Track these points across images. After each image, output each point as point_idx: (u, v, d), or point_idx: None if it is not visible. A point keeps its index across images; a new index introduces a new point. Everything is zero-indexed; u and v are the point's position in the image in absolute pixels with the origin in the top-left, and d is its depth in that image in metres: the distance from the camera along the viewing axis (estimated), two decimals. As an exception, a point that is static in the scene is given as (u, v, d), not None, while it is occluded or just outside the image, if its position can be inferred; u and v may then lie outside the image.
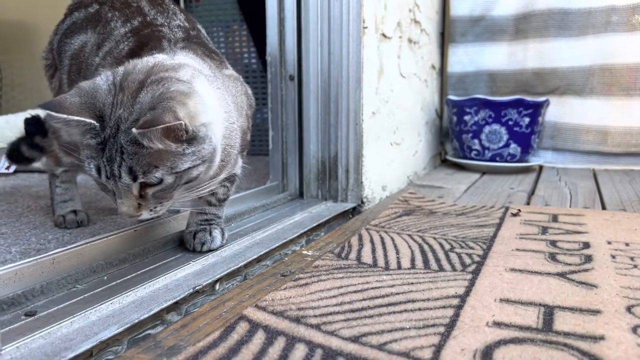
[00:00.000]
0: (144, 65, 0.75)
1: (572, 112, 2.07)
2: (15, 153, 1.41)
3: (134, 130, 0.65)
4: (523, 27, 2.11)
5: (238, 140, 0.86)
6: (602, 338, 0.60)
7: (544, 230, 1.09)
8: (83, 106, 0.69)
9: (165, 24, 0.96)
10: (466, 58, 2.22)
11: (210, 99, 0.76)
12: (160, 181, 0.70)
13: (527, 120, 1.93)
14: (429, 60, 2.01)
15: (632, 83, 1.96)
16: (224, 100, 0.81)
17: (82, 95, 0.70)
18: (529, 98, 1.95)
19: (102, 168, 0.69)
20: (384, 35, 1.45)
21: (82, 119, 0.68)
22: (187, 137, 0.69)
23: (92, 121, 0.68)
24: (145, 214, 0.73)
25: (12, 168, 1.95)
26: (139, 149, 0.67)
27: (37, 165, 2.02)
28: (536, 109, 1.93)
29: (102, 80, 0.73)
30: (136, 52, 0.89)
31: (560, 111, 2.08)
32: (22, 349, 0.57)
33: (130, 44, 0.92)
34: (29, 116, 2.03)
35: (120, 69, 0.75)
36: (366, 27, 1.31)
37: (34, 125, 2.01)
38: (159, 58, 0.79)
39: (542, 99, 1.96)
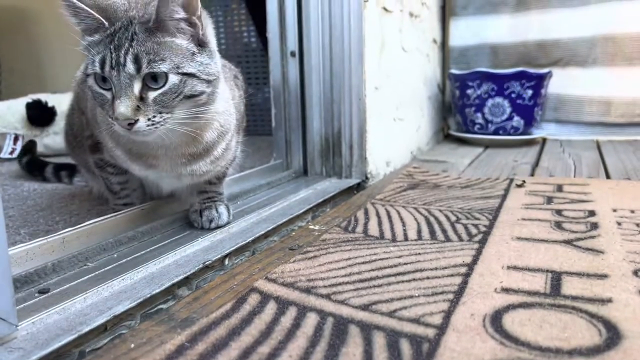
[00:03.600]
0: None
1: (575, 83, 2.05)
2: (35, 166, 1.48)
3: None
4: (524, -3, 2.09)
5: (235, 114, 0.88)
6: (609, 301, 0.60)
7: (549, 200, 1.10)
8: (94, 6, 0.70)
9: None
10: (468, 31, 2.20)
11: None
12: (165, 80, 0.69)
13: (530, 92, 1.91)
14: (430, 34, 1.99)
15: (636, 52, 1.94)
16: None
17: (96, 2, 0.72)
18: (531, 70, 1.93)
19: (107, 58, 0.68)
20: (385, 9, 1.43)
21: (93, 12, 0.69)
22: (200, 37, 0.73)
23: (101, 18, 0.69)
24: (142, 121, 0.69)
25: (17, 152, 1.95)
26: (150, 37, 0.69)
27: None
28: (539, 81, 1.92)
29: None
30: None
31: (563, 83, 2.06)
32: (37, 324, 0.58)
33: None
34: (30, 101, 2.04)
35: None
36: (367, 1, 1.29)
37: (36, 110, 2.01)
38: None
39: (544, 70, 1.95)
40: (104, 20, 0.70)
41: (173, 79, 0.69)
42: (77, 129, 1.04)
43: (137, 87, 0.68)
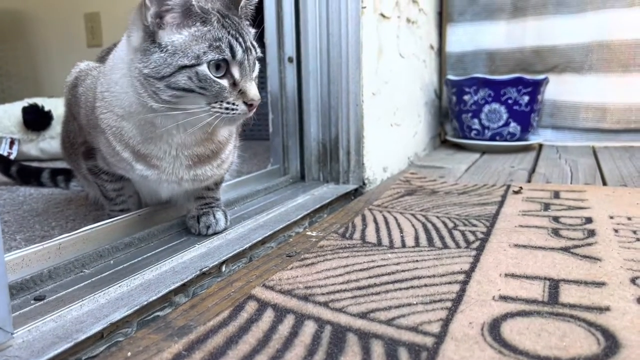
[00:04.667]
0: None
1: (571, 89, 2.06)
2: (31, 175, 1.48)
3: None
4: (521, 4, 2.10)
5: None
6: (607, 309, 0.60)
7: (546, 206, 1.10)
8: None
9: None
10: (465, 37, 2.20)
11: None
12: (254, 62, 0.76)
13: (526, 98, 1.92)
14: (427, 40, 1.99)
15: (631, 59, 1.95)
16: None
17: None
18: (528, 76, 1.94)
19: (234, 44, 0.71)
20: (382, 15, 1.44)
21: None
22: None
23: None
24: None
25: (12, 156, 1.95)
26: (244, 25, 0.76)
27: (33, 153, 2.02)
28: (535, 87, 1.93)
29: None
30: None
31: (560, 89, 2.07)
32: (33, 332, 0.57)
33: None
34: (26, 105, 2.03)
35: None
36: (365, 7, 1.30)
37: (32, 114, 2.01)
38: None
39: (541, 77, 1.96)
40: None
41: (257, 62, 0.77)
42: (73, 136, 1.04)
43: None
